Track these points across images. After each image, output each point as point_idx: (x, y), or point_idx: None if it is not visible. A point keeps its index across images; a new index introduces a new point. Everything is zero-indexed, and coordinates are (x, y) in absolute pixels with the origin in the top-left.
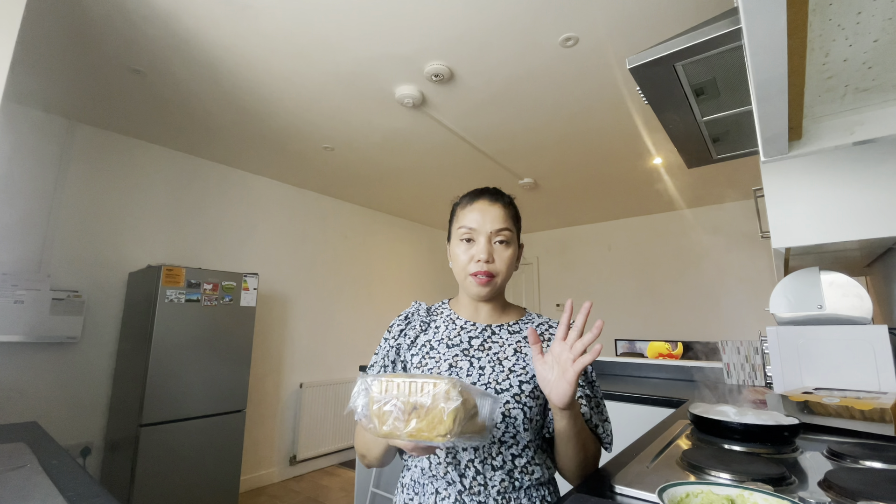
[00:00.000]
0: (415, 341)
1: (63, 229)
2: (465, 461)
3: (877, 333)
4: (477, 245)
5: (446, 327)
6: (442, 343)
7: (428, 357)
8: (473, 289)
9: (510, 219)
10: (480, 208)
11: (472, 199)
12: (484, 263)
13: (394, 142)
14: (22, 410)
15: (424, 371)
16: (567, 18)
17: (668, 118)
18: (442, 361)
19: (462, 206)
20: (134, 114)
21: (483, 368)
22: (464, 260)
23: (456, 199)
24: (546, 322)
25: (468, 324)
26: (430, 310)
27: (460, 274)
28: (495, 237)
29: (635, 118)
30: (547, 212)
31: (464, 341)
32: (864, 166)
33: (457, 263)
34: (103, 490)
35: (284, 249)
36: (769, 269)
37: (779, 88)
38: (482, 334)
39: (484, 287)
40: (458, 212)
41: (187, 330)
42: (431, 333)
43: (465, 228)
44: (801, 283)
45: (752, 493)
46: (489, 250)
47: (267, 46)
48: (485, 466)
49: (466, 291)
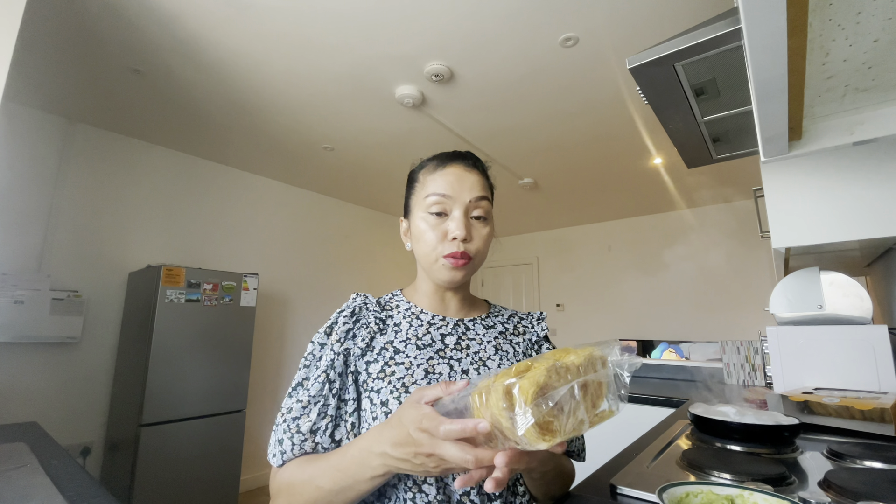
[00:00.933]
0: (370, 344)
1: (63, 229)
2: (457, 496)
3: (877, 333)
4: (452, 219)
5: (409, 324)
6: (409, 344)
7: (393, 363)
8: (445, 274)
9: (489, 189)
10: (455, 173)
11: (443, 161)
12: (461, 242)
13: (394, 142)
14: (22, 410)
15: (392, 381)
16: (567, 18)
17: (668, 118)
18: (415, 367)
19: (427, 170)
20: (134, 114)
21: (466, 372)
22: (433, 238)
23: (415, 164)
24: (515, 314)
25: (436, 318)
26: (382, 303)
27: (428, 256)
28: (473, 209)
29: (635, 118)
30: (547, 212)
31: (436, 340)
32: (864, 166)
33: (422, 243)
34: (103, 490)
35: (284, 249)
36: (769, 269)
37: (779, 88)
38: (455, 330)
39: (459, 271)
40: (420, 177)
41: (187, 330)
42: (392, 333)
43: (435, 196)
44: (801, 283)
45: (752, 493)
46: (467, 225)
47: (267, 46)
48: (482, 498)
49: (434, 277)
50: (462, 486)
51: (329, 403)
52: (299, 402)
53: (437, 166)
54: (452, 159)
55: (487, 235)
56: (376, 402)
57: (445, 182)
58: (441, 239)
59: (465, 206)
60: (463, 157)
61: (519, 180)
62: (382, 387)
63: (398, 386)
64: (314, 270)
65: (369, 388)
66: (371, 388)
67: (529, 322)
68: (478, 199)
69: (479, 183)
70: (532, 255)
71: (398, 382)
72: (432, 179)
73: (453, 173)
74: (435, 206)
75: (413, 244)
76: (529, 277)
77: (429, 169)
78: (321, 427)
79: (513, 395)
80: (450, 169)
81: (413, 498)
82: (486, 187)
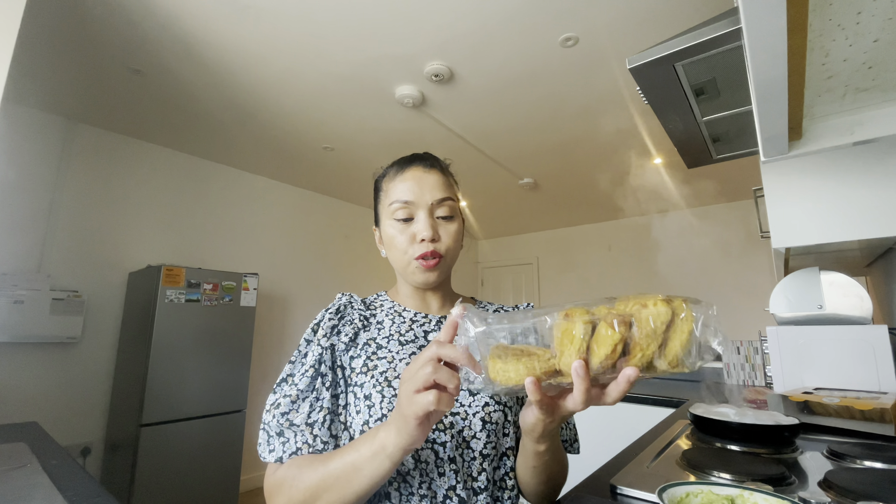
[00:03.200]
0: (354, 340)
1: (63, 229)
2: (443, 491)
3: (877, 333)
4: (417, 221)
5: (392, 321)
6: (392, 340)
7: (376, 357)
8: (419, 276)
9: (451, 187)
10: (414, 176)
11: (402, 167)
12: (429, 243)
13: (394, 142)
14: (22, 410)
15: (375, 375)
16: (567, 18)
17: (668, 118)
18: (397, 362)
19: (389, 178)
20: (134, 114)
21: None
22: (402, 242)
23: (378, 172)
24: (501, 308)
25: (419, 315)
26: (367, 302)
27: (400, 260)
28: (437, 209)
29: (635, 118)
30: (547, 212)
31: (419, 336)
32: (864, 166)
33: (394, 248)
34: (103, 490)
35: (284, 249)
36: (769, 269)
37: (779, 88)
38: (438, 327)
39: (432, 272)
40: (383, 185)
41: (187, 330)
42: (375, 330)
43: (398, 203)
44: (801, 283)
45: (752, 493)
46: (433, 225)
47: (267, 46)
48: (468, 493)
49: (410, 280)
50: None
51: (323, 397)
52: (287, 397)
53: (397, 172)
54: (410, 163)
55: (456, 232)
56: (360, 395)
57: (406, 187)
58: (410, 242)
59: (428, 207)
60: (421, 159)
61: (519, 180)
62: (365, 381)
63: (381, 380)
64: (314, 270)
65: (353, 382)
66: (355, 382)
67: None
68: (440, 200)
69: (439, 183)
70: (532, 255)
71: (381, 377)
72: (394, 186)
73: (412, 177)
74: (399, 211)
75: (386, 251)
76: (529, 277)
77: (390, 176)
78: (318, 420)
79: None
80: (408, 173)
81: (398, 488)
82: (447, 186)
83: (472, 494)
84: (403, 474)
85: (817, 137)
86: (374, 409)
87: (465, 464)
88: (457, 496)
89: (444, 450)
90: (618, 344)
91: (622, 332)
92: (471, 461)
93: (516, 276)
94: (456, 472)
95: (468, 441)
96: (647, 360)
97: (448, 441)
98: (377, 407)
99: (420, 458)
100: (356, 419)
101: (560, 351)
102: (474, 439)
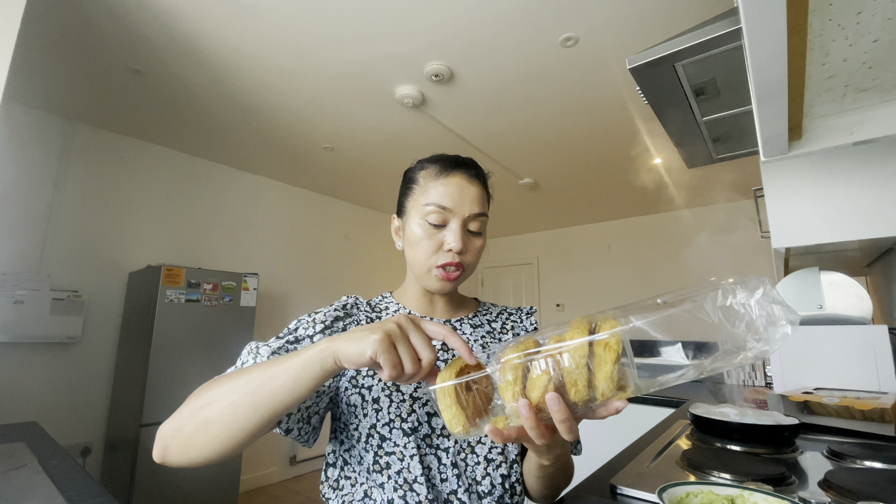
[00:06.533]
0: None
1: (63, 229)
2: (446, 494)
3: (877, 333)
4: (449, 231)
5: None
6: None
7: None
8: (436, 283)
9: (487, 203)
10: (458, 184)
11: (446, 169)
12: (455, 254)
13: (394, 142)
14: (22, 410)
15: (382, 378)
16: (567, 18)
17: (668, 118)
18: None
19: (429, 175)
20: (134, 114)
21: None
22: (428, 247)
23: (414, 163)
24: (504, 311)
25: (424, 319)
26: (373, 305)
27: (421, 264)
28: (470, 223)
29: (635, 118)
30: (547, 212)
31: None
32: (864, 166)
33: (417, 250)
34: (103, 490)
35: (284, 249)
36: (769, 268)
37: (779, 88)
38: None
39: (451, 283)
40: (420, 180)
41: (187, 330)
42: None
43: (434, 206)
44: (801, 283)
45: (752, 493)
46: (464, 238)
47: (267, 46)
48: (471, 497)
49: (424, 283)
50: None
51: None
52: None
53: (440, 173)
54: (456, 167)
55: (481, 248)
56: (367, 398)
57: (447, 192)
58: (436, 249)
59: (463, 219)
60: (466, 166)
61: (519, 180)
62: (373, 384)
63: (389, 384)
64: (314, 270)
65: (359, 384)
66: (361, 384)
67: (518, 317)
68: (476, 215)
69: (479, 197)
70: (532, 255)
71: (381, 380)
72: (434, 187)
73: (456, 184)
74: (433, 215)
75: (406, 248)
76: (529, 277)
77: (430, 173)
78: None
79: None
80: (452, 178)
81: (403, 496)
82: (485, 202)
83: (476, 499)
84: (410, 482)
85: (817, 137)
86: (381, 413)
87: (469, 468)
88: (458, 500)
89: (446, 455)
90: (546, 385)
91: (546, 371)
92: (474, 465)
93: (516, 276)
94: (458, 477)
95: (472, 445)
96: (582, 394)
97: (451, 446)
98: (385, 411)
99: (424, 463)
100: (363, 422)
101: (502, 396)
102: (479, 444)
